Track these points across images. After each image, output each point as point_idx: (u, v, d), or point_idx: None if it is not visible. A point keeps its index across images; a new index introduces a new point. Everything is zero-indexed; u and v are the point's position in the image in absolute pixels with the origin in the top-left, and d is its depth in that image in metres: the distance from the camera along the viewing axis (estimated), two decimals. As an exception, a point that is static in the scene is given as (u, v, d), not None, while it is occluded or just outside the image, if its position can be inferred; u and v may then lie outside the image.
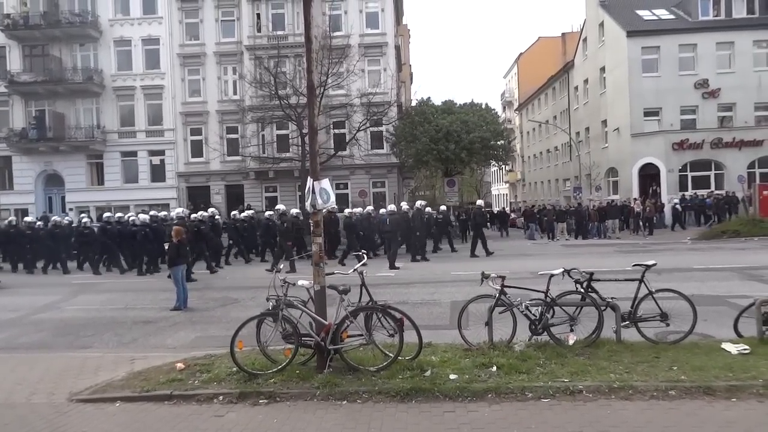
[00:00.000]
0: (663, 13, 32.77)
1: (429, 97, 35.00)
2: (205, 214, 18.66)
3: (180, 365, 6.43)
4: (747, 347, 6.07)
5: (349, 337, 6.12)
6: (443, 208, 24.14)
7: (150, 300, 12.12)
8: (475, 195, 62.46)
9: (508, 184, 67.85)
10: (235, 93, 31.68)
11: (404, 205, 20.49)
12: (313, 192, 6.26)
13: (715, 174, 29.71)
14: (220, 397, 5.58)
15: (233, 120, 31.60)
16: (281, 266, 6.37)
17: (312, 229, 6.34)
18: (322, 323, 6.06)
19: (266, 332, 6.33)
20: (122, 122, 32.04)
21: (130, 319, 10.10)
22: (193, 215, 18.64)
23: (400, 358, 6.00)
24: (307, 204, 6.33)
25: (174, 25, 31.71)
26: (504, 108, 68.93)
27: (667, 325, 6.63)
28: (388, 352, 6.13)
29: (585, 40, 38.34)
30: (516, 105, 63.53)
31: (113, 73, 31.73)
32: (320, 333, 6.02)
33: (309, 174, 6.37)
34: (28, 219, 21.51)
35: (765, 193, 24.78)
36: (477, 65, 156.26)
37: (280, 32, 29.37)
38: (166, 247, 11.21)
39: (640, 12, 32.92)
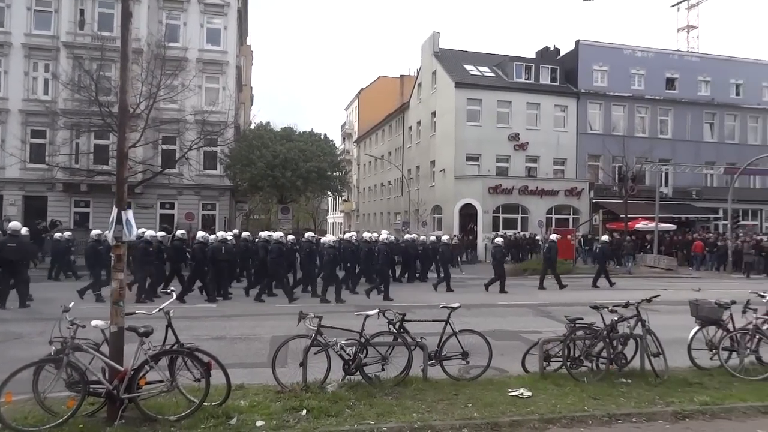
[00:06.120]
0: (486, 71, 36.82)
1: (269, 122, 34.77)
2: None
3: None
4: (529, 392, 6.64)
5: (147, 383, 5.58)
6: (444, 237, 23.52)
7: None
8: (311, 222, 62.84)
9: (343, 214, 69.48)
10: (45, 93, 28.14)
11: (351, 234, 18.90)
12: (119, 222, 5.70)
13: (521, 217, 33.70)
14: (-26, 463, 4.67)
15: (41, 123, 27.92)
16: (71, 305, 5.61)
17: (113, 263, 5.74)
18: (117, 369, 5.44)
19: (47, 379, 5.48)
20: None
21: None
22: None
23: (206, 404, 5.63)
24: (109, 235, 5.73)
25: (-29, 6, 27.29)
26: (344, 139, 70.95)
27: (468, 362, 7.19)
28: (193, 398, 5.70)
29: (420, 85, 41.36)
30: (355, 137, 65.79)
31: None
32: (113, 380, 5.40)
33: (114, 203, 5.79)
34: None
35: (558, 236, 28.62)
36: (320, 94, 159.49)
37: (106, 33, 26.83)
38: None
39: (467, 67, 36.61)
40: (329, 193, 37.20)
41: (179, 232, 16.33)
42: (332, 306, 13.94)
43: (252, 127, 37.21)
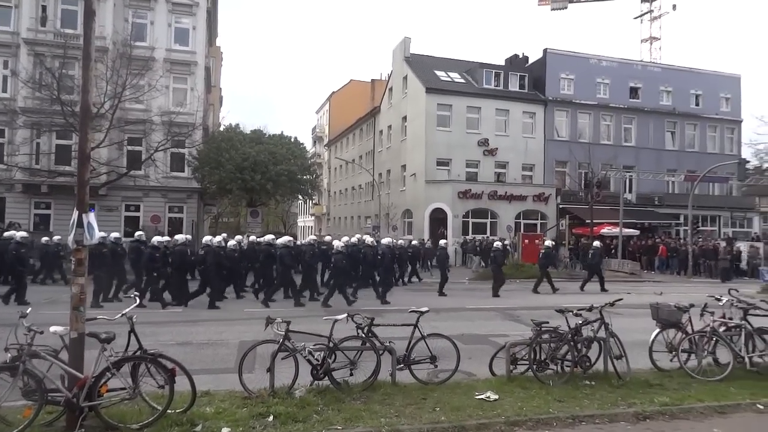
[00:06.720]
0: (456, 77, 37.19)
1: (238, 124, 34.33)
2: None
3: None
4: (496, 395, 6.69)
5: (109, 391, 5.43)
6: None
7: None
8: (281, 225, 62.28)
9: (314, 217, 69.07)
10: (4, 90, 27.17)
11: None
12: (80, 226, 5.55)
13: (490, 222, 34.07)
14: None
15: (-1, 122, 26.94)
16: (28, 311, 5.43)
17: (74, 267, 5.58)
18: (77, 376, 5.28)
19: (1, 388, 5.27)
20: None
21: None
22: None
23: (170, 411, 5.51)
24: (70, 238, 5.57)
25: (-73, 0, 26.23)
26: (314, 142, 70.62)
27: (436, 366, 7.22)
28: (156, 405, 5.57)
29: (391, 89, 41.51)
30: (326, 141, 65.54)
31: None
32: (73, 388, 5.24)
33: (75, 205, 5.63)
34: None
35: (526, 241, 29.08)
36: (291, 97, 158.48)
37: (69, 30, 26.13)
38: None
39: (438, 72, 36.91)
40: (299, 196, 36.90)
41: (180, 237, 16.12)
42: (302, 311, 13.84)
43: (221, 128, 36.69)
